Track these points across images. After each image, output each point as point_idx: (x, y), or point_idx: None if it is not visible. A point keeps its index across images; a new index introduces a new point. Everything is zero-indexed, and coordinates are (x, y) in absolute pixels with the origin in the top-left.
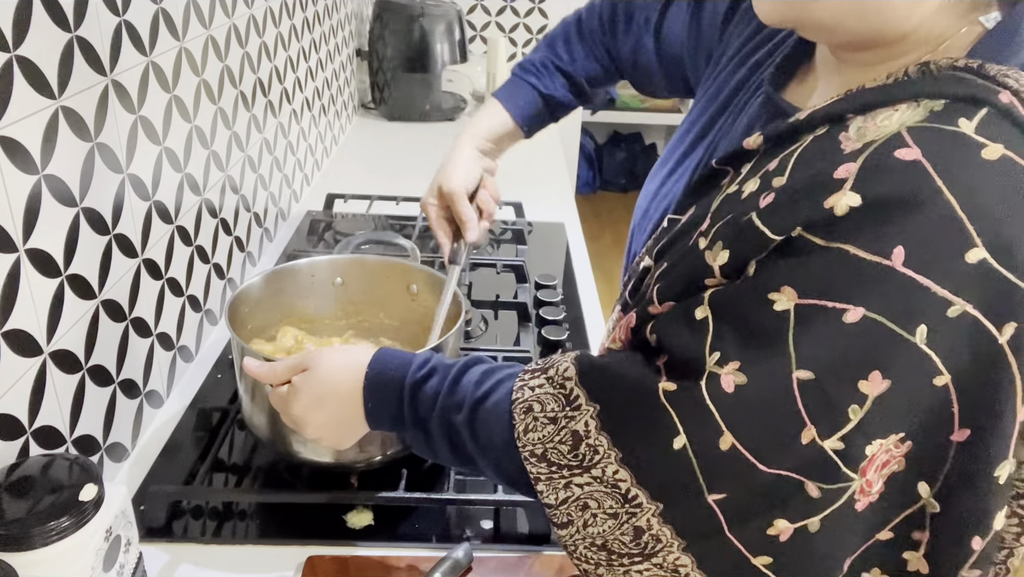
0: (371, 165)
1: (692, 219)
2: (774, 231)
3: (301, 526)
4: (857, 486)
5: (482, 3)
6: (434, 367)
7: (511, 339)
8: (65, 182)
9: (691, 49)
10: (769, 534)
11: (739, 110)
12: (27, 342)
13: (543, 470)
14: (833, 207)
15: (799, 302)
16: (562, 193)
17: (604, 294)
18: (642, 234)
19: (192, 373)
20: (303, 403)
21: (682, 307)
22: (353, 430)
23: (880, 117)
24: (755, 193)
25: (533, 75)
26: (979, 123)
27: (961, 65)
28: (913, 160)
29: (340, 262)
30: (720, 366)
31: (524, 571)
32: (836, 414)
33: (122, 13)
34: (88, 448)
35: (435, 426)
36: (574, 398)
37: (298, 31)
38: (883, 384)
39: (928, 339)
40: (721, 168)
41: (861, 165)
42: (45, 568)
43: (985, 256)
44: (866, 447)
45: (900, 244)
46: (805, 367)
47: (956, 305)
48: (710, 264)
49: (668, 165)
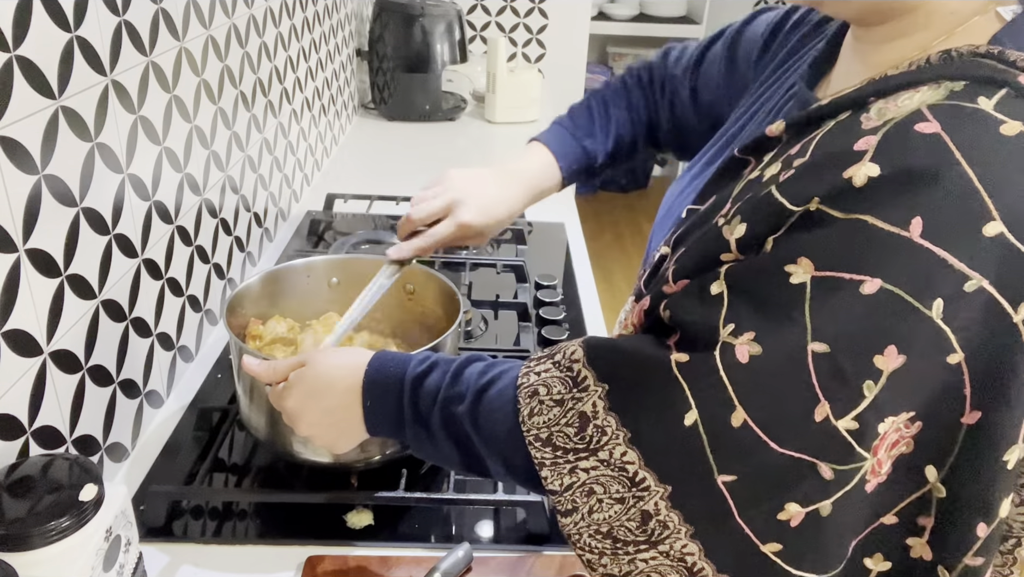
0: (371, 165)
1: (712, 206)
2: (792, 201)
3: (301, 526)
4: (869, 466)
5: (482, 3)
6: (435, 362)
7: (511, 339)
8: (65, 182)
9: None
10: (780, 519)
11: (770, 112)
12: (27, 342)
13: (548, 455)
14: (852, 177)
15: (816, 274)
16: (562, 193)
17: (604, 294)
18: (662, 231)
19: (192, 373)
20: (297, 396)
21: (697, 283)
22: (349, 432)
23: (901, 98)
24: (776, 175)
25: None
26: (998, 101)
27: (982, 51)
28: (933, 133)
29: (336, 262)
30: (735, 337)
31: (524, 571)
32: (850, 390)
33: (122, 13)
34: (88, 448)
35: (436, 420)
36: (582, 379)
37: (298, 31)
38: (898, 359)
39: (944, 314)
40: (743, 158)
41: (881, 137)
42: (45, 568)
43: (1002, 230)
44: (878, 425)
45: (918, 215)
46: (821, 340)
47: (973, 280)
48: (727, 238)
49: (694, 168)
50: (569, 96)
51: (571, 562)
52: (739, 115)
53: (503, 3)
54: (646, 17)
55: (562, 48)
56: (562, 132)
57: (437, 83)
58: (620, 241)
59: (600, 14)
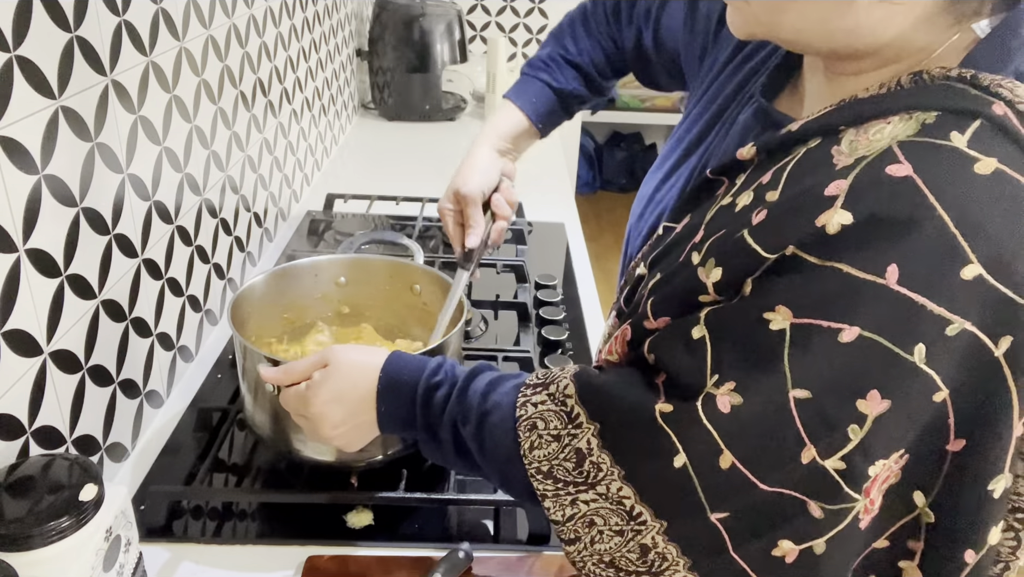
0: (371, 165)
1: (686, 229)
2: (766, 249)
3: (301, 526)
4: (861, 507)
5: (482, 3)
6: (445, 374)
7: (511, 339)
8: (65, 182)
9: (685, 45)
10: (774, 556)
11: (733, 118)
12: (27, 342)
13: (549, 487)
14: (825, 225)
15: (794, 321)
16: (562, 193)
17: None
18: (637, 238)
19: (192, 373)
20: (324, 398)
21: (679, 326)
22: (364, 432)
23: (872, 130)
24: (748, 207)
25: (543, 71)
26: (972, 136)
27: (954, 75)
28: (904, 176)
29: (343, 262)
30: (717, 387)
31: (524, 571)
32: (836, 434)
33: (122, 13)
34: (88, 448)
35: (445, 433)
36: (575, 416)
37: (298, 31)
38: (883, 404)
39: (928, 358)
40: (716, 178)
41: (852, 182)
42: (45, 568)
43: (980, 272)
44: (869, 468)
45: (894, 262)
46: (802, 386)
47: (955, 323)
48: (704, 281)
49: (663, 170)
50: None
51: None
52: (699, 112)
53: (503, 3)
54: None
55: None
56: (523, 79)
57: (437, 83)
58: (620, 241)
59: None
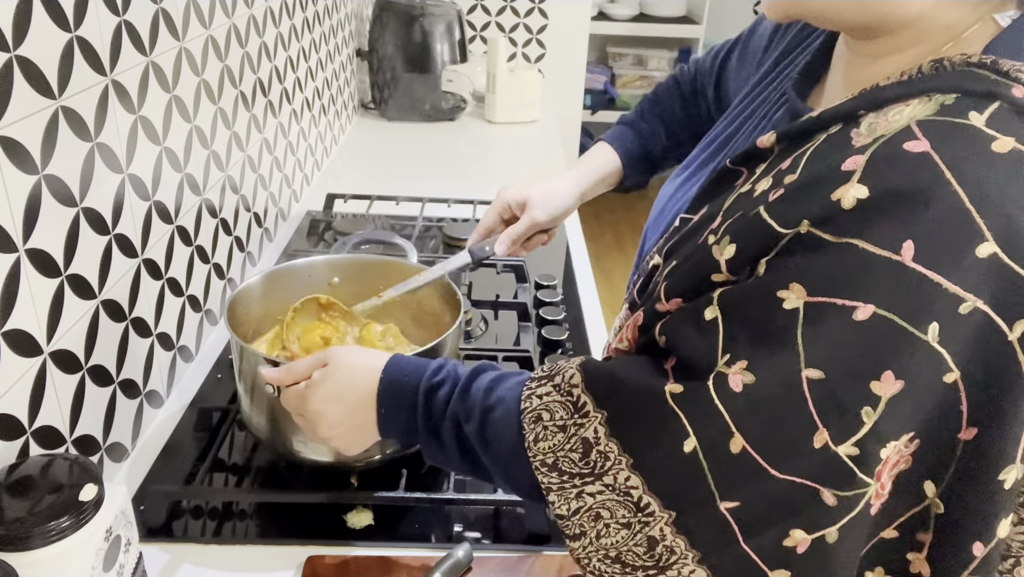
0: (371, 165)
1: (703, 218)
2: (781, 224)
3: (301, 526)
4: (873, 491)
5: (482, 3)
6: (446, 375)
7: (511, 339)
8: (65, 182)
9: (736, 83)
10: (786, 546)
11: (763, 118)
12: (27, 342)
13: (554, 480)
14: (840, 199)
15: (808, 300)
16: None
17: (604, 294)
18: (655, 234)
19: (192, 373)
20: (322, 396)
21: (691, 307)
22: (364, 435)
23: (891, 112)
24: (767, 191)
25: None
26: (990, 116)
27: (975, 61)
28: (922, 152)
29: (337, 262)
30: (728, 366)
31: (524, 571)
32: (848, 417)
33: (122, 13)
34: (88, 448)
35: (447, 433)
36: (582, 405)
37: (298, 31)
38: (896, 385)
39: (940, 337)
40: (735, 168)
41: (869, 157)
42: (45, 568)
43: (995, 250)
44: (880, 451)
45: (909, 238)
46: (815, 366)
47: (968, 302)
48: (717, 258)
49: (688, 169)
50: (569, 96)
51: (571, 562)
52: (732, 117)
53: (503, 3)
54: (646, 17)
55: (562, 48)
56: (618, 126)
57: (437, 83)
58: (620, 242)
59: (600, 14)
